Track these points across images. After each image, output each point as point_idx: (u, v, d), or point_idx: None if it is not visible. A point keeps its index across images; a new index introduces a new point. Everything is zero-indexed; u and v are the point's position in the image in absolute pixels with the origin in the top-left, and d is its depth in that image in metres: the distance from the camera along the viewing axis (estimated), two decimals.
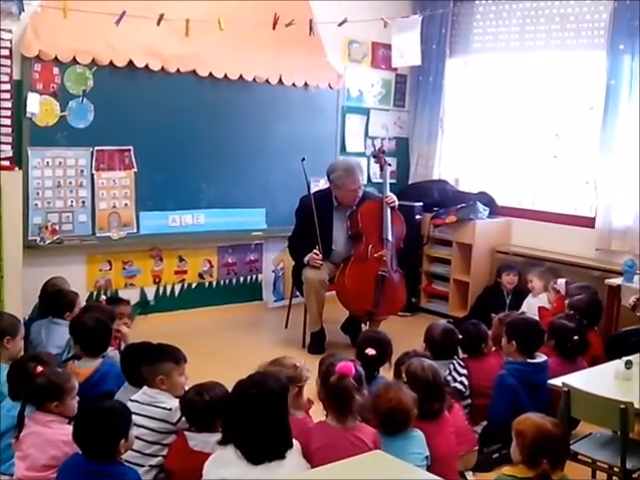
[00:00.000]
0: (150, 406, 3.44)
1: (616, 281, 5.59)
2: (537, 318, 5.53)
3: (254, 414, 2.86)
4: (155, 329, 5.58)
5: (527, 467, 2.85)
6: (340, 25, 6.10)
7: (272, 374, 3.13)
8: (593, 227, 6.38)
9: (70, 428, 3.11)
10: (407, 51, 6.41)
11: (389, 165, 6.24)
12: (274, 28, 5.63)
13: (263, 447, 2.84)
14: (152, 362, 3.58)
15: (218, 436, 3.11)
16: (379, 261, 5.75)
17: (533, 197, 7.09)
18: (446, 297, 7.00)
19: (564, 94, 6.77)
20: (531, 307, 6.07)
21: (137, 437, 3.20)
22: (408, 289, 6.19)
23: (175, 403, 3.43)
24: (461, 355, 4.41)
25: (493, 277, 6.74)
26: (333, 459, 2.76)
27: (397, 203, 5.99)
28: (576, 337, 4.44)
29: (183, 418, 3.38)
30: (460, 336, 4.39)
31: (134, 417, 3.16)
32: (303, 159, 5.93)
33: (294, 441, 2.95)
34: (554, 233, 6.64)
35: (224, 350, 5.79)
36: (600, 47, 6.27)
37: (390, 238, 5.83)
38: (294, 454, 2.92)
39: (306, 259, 5.77)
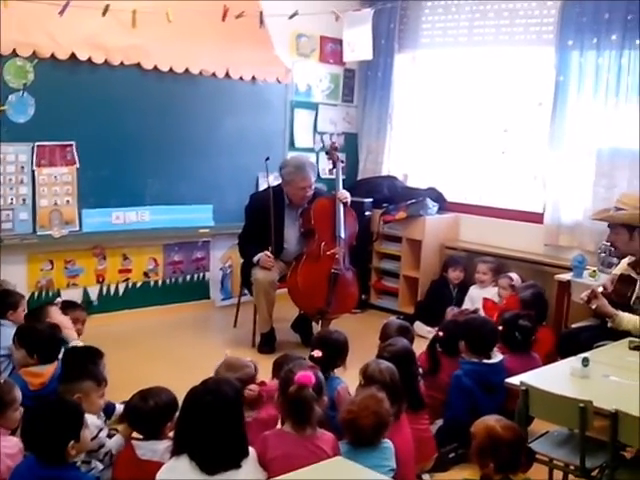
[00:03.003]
0: None
1: (565, 276, 5.61)
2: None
3: (209, 422, 2.75)
4: (99, 330, 5.42)
5: (479, 469, 2.83)
6: (291, 18, 5.99)
7: (226, 380, 3.03)
8: (541, 223, 6.41)
9: (13, 440, 2.95)
10: (359, 45, 6.34)
11: (342, 162, 6.15)
12: (224, 20, 5.49)
13: (218, 456, 2.74)
14: (71, 379, 3.42)
15: (166, 443, 3.03)
16: (332, 259, 5.67)
17: (481, 193, 7.09)
18: (396, 293, 6.96)
19: (513, 90, 6.79)
20: (474, 299, 6.08)
21: None
22: (360, 287, 6.12)
23: (93, 420, 3.25)
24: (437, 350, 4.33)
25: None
26: (291, 468, 2.67)
27: (350, 200, 5.91)
28: (501, 327, 4.44)
29: (100, 434, 3.24)
30: (441, 333, 4.33)
31: None
32: (267, 159, 5.81)
33: (250, 449, 2.86)
34: (502, 229, 6.66)
35: (171, 351, 5.65)
36: (549, 43, 6.29)
37: (343, 235, 5.75)
38: (250, 462, 2.82)
39: (256, 259, 5.65)
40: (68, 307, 4.70)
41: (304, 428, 3.02)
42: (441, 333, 4.35)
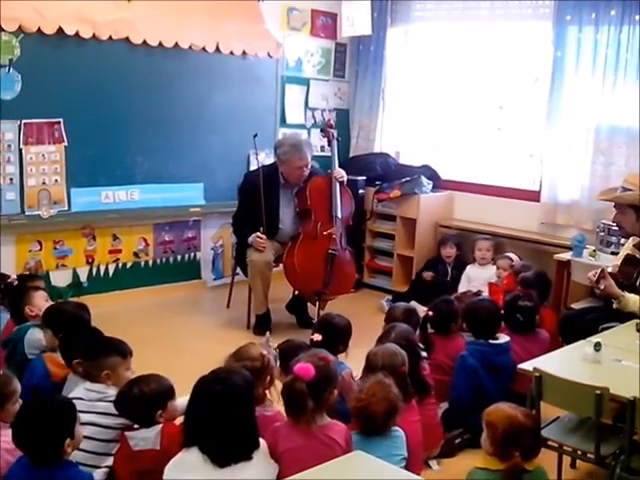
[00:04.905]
0: (101, 402, 3.19)
1: (565, 256, 5.52)
2: (485, 291, 5.51)
3: (219, 413, 2.66)
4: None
5: (499, 459, 2.75)
6: None
7: (236, 369, 2.92)
8: (538, 201, 6.33)
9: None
10: (358, 20, 6.17)
11: (338, 140, 6.00)
12: None
13: (230, 448, 2.64)
14: (97, 356, 3.34)
15: (157, 429, 2.99)
16: (329, 239, 5.54)
17: (476, 170, 6.98)
18: (390, 272, 6.87)
19: (509, 65, 6.66)
20: (471, 278, 6.00)
21: (88, 437, 2.97)
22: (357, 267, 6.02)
23: None
24: (429, 330, 4.25)
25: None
26: (303, 460, 2.62)
27: (346, 178, 5.79)
28: (502, 311, 4.39)
29: None
30: (430, 312, 4.24)
31: (82, 416, 2.90)
32: (255, 135, 5.67)
33: (261, 440, 2.77)
34: (498, 207, 6.59)
35: (164, 333, 5.55)
36: (546, 17, 6.17)
37: (340, 215, 5.63)
38: (261, 454, 2.73)
39: (250, 240, 5.52)
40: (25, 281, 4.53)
41: (298, 419, 2.92)
42: (431, 313, 4.26)
